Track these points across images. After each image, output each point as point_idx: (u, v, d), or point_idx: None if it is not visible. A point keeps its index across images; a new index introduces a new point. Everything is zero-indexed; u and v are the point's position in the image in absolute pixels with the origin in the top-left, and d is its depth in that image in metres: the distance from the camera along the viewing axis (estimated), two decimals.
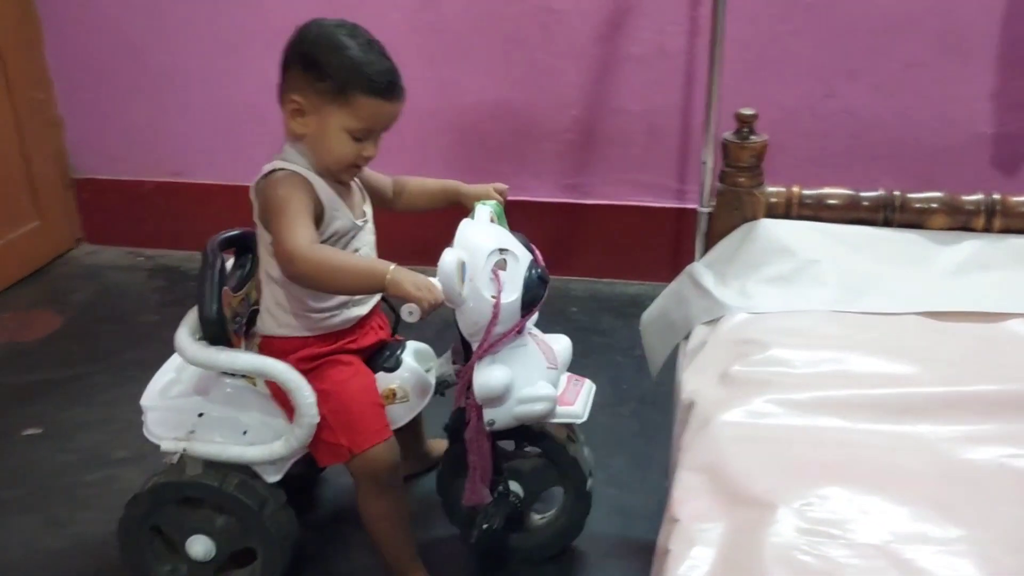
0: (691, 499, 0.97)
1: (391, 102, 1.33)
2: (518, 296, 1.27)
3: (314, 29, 1.34)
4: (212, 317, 1.35)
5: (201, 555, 1.43)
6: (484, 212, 1.41)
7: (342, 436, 1.36)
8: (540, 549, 1.56)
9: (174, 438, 1.40)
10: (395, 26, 2.41)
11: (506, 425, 1.33)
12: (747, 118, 1.42)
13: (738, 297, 1.34)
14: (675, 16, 2.28)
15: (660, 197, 2.44)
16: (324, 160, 1.34)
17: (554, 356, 1.39)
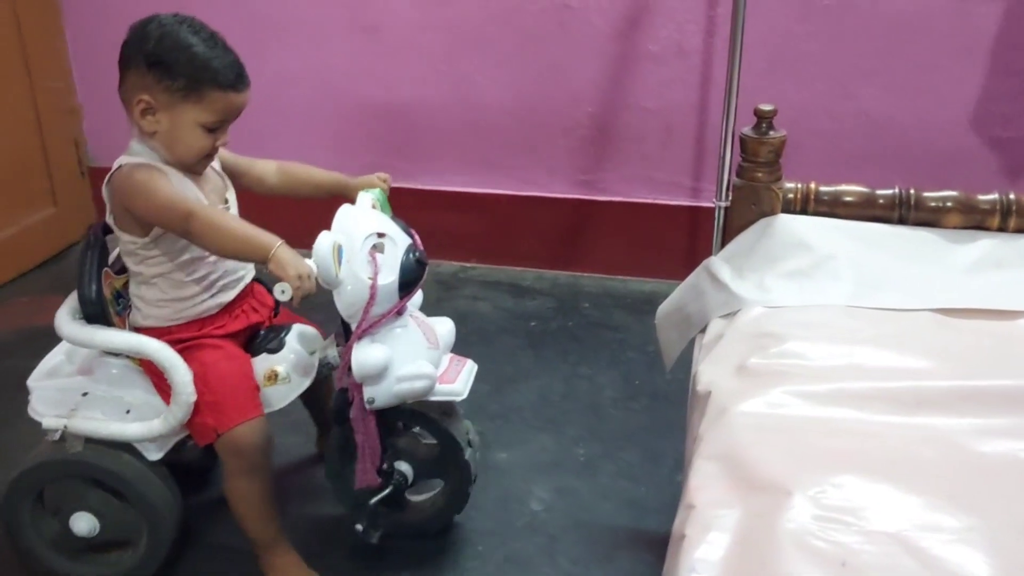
0: (707, 486, 0.98)
1: (240, 92, 1.37)
2: (395, 278, 1.33)
3: (155, 27, 1.35)
4: (90, 297, 1.40)
5: (85, 531, 1.45)
6: (365, 199, 1.45)
7: (208, 416, 1.39)
8: (428, 523, 1.59)
9: (56, 415, 1.42)
10: (412, 22, 2.43)
11: (387, 403, 1.38)
12: (766, 113, 1.42)
13: (755, 291, 1.34)
14: (693, 15, 2.29)
15: (675, 195, 2.45)
16: (178, 154, 1.37)
17: (436, 337, 1.44)
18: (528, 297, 2.46)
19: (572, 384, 2.06)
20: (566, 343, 2.23)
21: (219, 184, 1.47)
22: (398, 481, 1.49)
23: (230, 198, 1.48)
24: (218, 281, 1.44)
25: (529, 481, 1.74)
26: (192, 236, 1.32)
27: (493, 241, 2.60)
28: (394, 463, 1.50)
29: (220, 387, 1.39)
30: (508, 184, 2.54)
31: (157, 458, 1.43)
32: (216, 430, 1.38)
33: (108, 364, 1.43)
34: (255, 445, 1.40)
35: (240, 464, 1.41)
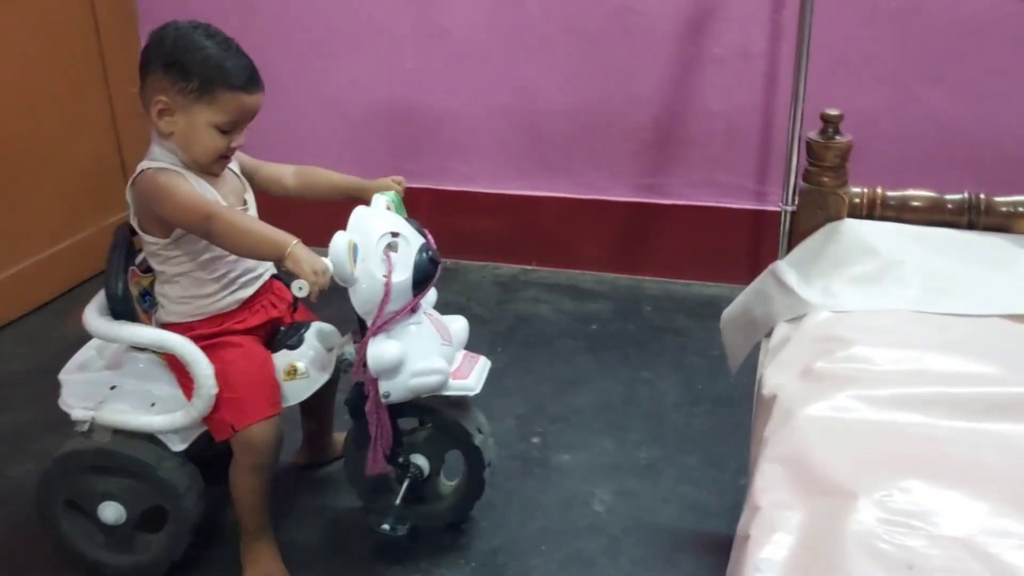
0: (773, 488, 0.99)
1: (252, 94, 1.41)
2: (409, 276, 1.38)
3: (171, 32, 1.40)
4: (117, 295, 1.46)
5: (112, 520, 1.50)
6: (380, 200, 1.50)
7: (227, 412, 1.44)
8: (449, 512, 1.62)
9: (84, 407, 1.48)
10: (475, 26, 2.47)
11: (401, 397, 1.42)
12: (832, 118, 1.42)
13: (822, 295, 1.34)
14: (758, 18, 2.28)
15: (739, 198, 2.44)
16: (194, 154, 1.42)
17: (449, 334, 1.48)
18: (589, 300, 2.47)
19: (633, 388, 2.06)
20: (627, 347, 2.23)
21: (238, 186, 1.53)
22: (414, 475, 1.54)
23: (248, 199, 1.53)
24: (238, 279, 1.50)
25: (591, 483, 1.75)
26: (212, 237, 1.38)
27: (554, 244, 2.62)
28: (410, 456, 1.54)
29: (239, 385, 1.44)
30: (569, 188, 2.56)
31: (180, 449, 1.48)
32: (233, 426, 1.44)
33: (135, 359, 1.50)
34: (268, 443, 1.45)
35: (251, 460, 1.46)
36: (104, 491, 1.49)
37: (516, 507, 1.69)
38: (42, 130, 2.43)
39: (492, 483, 1.73)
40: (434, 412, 1.53)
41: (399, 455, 1.52)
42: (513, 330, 2.32)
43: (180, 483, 1.47)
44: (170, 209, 1.38)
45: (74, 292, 2.54)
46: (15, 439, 1.91)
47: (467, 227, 2.67)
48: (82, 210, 2.59)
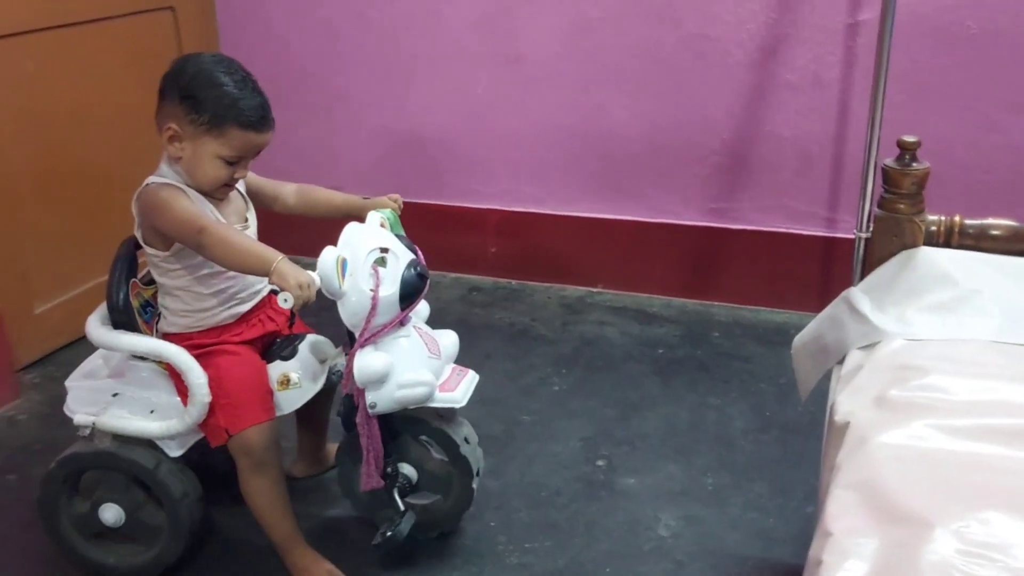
0: (846, 515, 0.97)
1: (261, 133, 1.46)
2: (396, 290, 1.42)
3: (192, 65, 1.45)
4: (118, 305, 1.53)
5: (112, 521, 1.56)
6: (374, 217, 1.54)
7: (221, 418, 1.49)
8: (438, 523, 1.64)
9: (86, 412, 1.53)
10: (551, 51, 2.49)
11: (388, 408, 1.45)
12: (909, 145, 1.41)
13: (896, 323, 1.32)
14: (832, 46, 2.27)
15: (810, 225, 2.42)
16: (197, 181, 1.48)
17: (438, 348, 1.51)
18: (656, 324, 2.46)
19: (700, 413, 2.05)
20: (694, 372, 2.22)
21: (240, 205, 1.58)
22: (402, 484, 1.56)
23: (250, 218, 1.59)
24: (236, 294, 1.55)
25: (656, 508, 1.74)
26: (203, 249, 1.42)
27: (621, 267, 2.62)
28: (397, 465, 1.57)
29: (234, 391, 1.49)
30: (638, 211, 2.57)
31: (177, 454, 1.53)
32: (228, 430, 1.49)
33: (137, 368, 1.55)
34: (263, 445, 1.49)
35: (249, 462, 1.50)
36: (104, 493, 1.56)
37: (580, 529, 1.69)
38: (127, 148, 2.51)
39: (557, 504, 1.74)
40: (420, 423, 1.56)
41: (387, 465, 1.55)
42: (578, 352, 2.33)
43: (176, 487, 1.52)
44: (166, 222, 1.44)
45: None
46: None
47: (534, 248, 2.69)
48: None
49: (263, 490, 1.53)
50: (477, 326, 2.47)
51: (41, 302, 2.31)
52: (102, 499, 1.56)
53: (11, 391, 2.15)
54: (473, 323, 2.49)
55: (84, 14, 2.33)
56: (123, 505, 1.55)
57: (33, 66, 2.22)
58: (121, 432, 1.52)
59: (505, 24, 2.51)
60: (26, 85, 2.21)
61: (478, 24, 2.53)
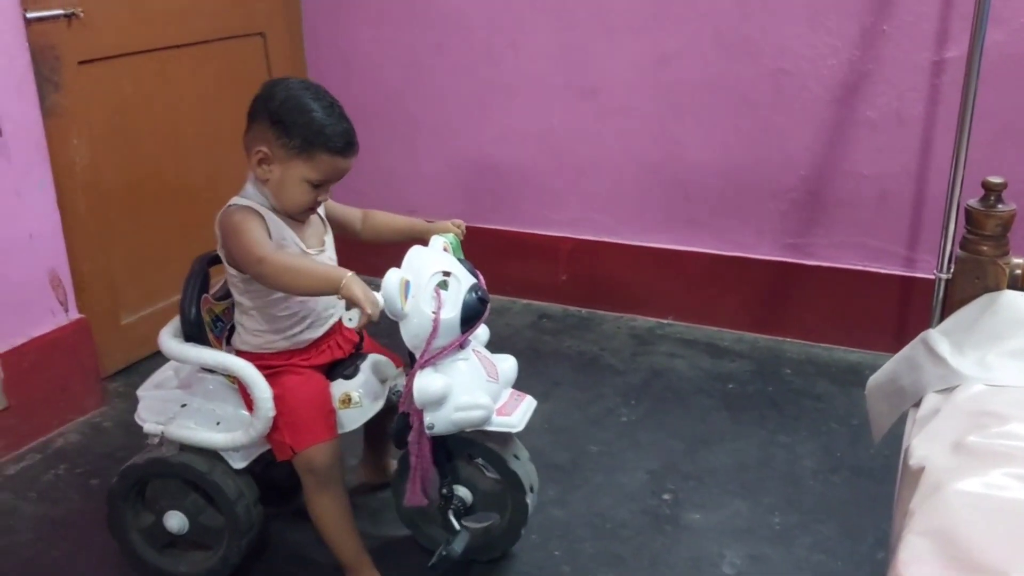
0: (918, 562, 0.96)
1: (347, 158, 1.50)
2: (457, 313, 1.43)
3: (282, 89, 1.49)
4: (190, 319, 1.57)
5: (176, 529, 1.59)
6: (437, 241, 1.57)
7: (287, 435, 1.52)
8: (480, 551, 1.64)
9: (156, 422, 1.58)
10: (629, 85, 2.51)
11: (445, 430, 1.46)
12: (995, 186, 1.38)
13: (976, 368, 1.30)
14: (915, 83, 2.24)
15: (888, 263, 2.38)
16: (283, 203, 1.51)
17: (496, 372, 1.51)
18: (727, 358, 2.44)
19: (769, 451, 2.02)
20: (765, 408, 2.20)
21: (319, 228, 1.61)
22: (457, 506, 1.57)
23: (327, 241, 1.62)
24: (307, 318, 1.58)
25: (722, 544, 1.72)
26: (263, 279, 1.46)
27: (693, 299, 2.61)
28: (453, 487, 1.57)
29: (298, 409, 1.52)
30: (713, 243, 2.56)
31: (241, 466, 1.57)
32: (292, 448, 1.52)
33: (205, 380, 1.60)
34: (326, 464, 1.52)
35: (314, 480, 1.53)
36: (166, 502, 1.60)
37: (645, 562, 1.68)
38: (215, 168, 2.60)
39: (621, 537, 1.73)
40: (473, 443, 1.57)
41: (442, 486, 1.56)
42: (647, 384, 2.32)
43: (240, 504, 1.56)
44: (233, 247, 1.49)
45: None
46: None
47: (605, 277, 2.70)
48: None
49: (327, 507, 1.55)
50: (546, 353, 2.48)
51: (128, 313, 2.39)
52: (165, 508, 1.60)
53: (98, 399, 2.23)
54: (542, 350, 2.50)
55: (179, 38, 2.42)
56: (185, 511, 1.60)
57: (130, 87, 2.31)
58: (187, 442, 1.56)
59: (582, 56, 2.53)
60: (123, 105, 2.30)
61: (555, 56, 2.56)
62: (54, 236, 2.11)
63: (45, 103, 2.07)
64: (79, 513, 1.85)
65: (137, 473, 1.60)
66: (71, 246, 2.16)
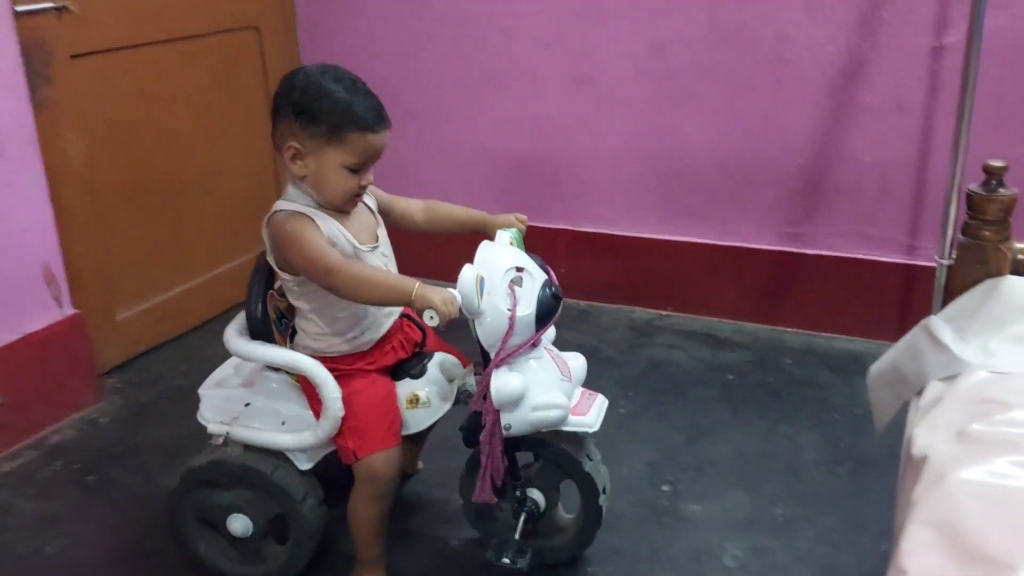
0: (922, 553, 0.94)
1: (379, 133, 1.44)
2: (532, 311, 1.39)
3: (300, 78, 1.43)
4: (256, 316, 1.52)
5: (239, 532, 1.56)
6: (504, 236, 1.52)
7: (350, 439, 1.48)
8: (553, 553, 1.62)
9: (220, 422, 1.54)
10: (624, 74, 2.49)
11: (522, 431, 1.43)
12: (996, 170, 1.36)
13: (979, 355, 1.28)
14: (914, 69, 2.22)
15: (889, 251, 2.36)
16: (326, 195, 1.45)
17: (568, 370, 1.48)
18: (726, 349, 2.43)
19: (771, 442, 2.01)
20: (765, 399, 2.18)
21: (370, 222, 1.55)
22: (531, 508, 1.55)
23: (380, 235, 1.56)
24: (365, 319, 1.52)
25: (722, 536, 1.71)
26: (334, 290, 1.42)
27: (692, 290, 2.59)
28: (527, 491, 1.55)
29: (363, 415, 1.49)
30: (711, 234, 2.54)
31: (307, 468, 1.54)
32: (355, 453, 1.48)
33: (268, 378, 1.56)
34: (388, 475, 1.49)
35: (372, 490, 1.50)
36: (231, 504, 1.56)
37: (644, 555, 1.67)
38: (211, 162, 2.58)
39: (620, 529, 1.71)
40: (545, 445, 1.54)
41: (515, 488, 1.54)
42: (646, 375, 2.30)
43: (307, 507, 1.52)
44: (295, 258, 1.43)
45: (229, 314, 2.65)
46: (171, 450, 2.01)
47: (603, 270, 2.68)
48: (241, 237, 2.73)
49: (373, 518, 1.53)
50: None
51: (123, 309, 2.38)
52: (231, 509, 1.56)
53: (94, 395, 2.22)
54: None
55: (172, 32, 2.41)
56: (250, 514, 1.56)
57: (125, 81, 2.29)
58: (253, 443, 1.53)
59: (578, 45, 2.51)
60: (117, 99, 2.28)
61: (550, 44, 2.54)
62: (47, 231, 2.09)
63: (36, 97, 2.05)
64: (75, 509, 1.83)
65: (199, 475, 1.56)
66: (65, 241, 2.14)
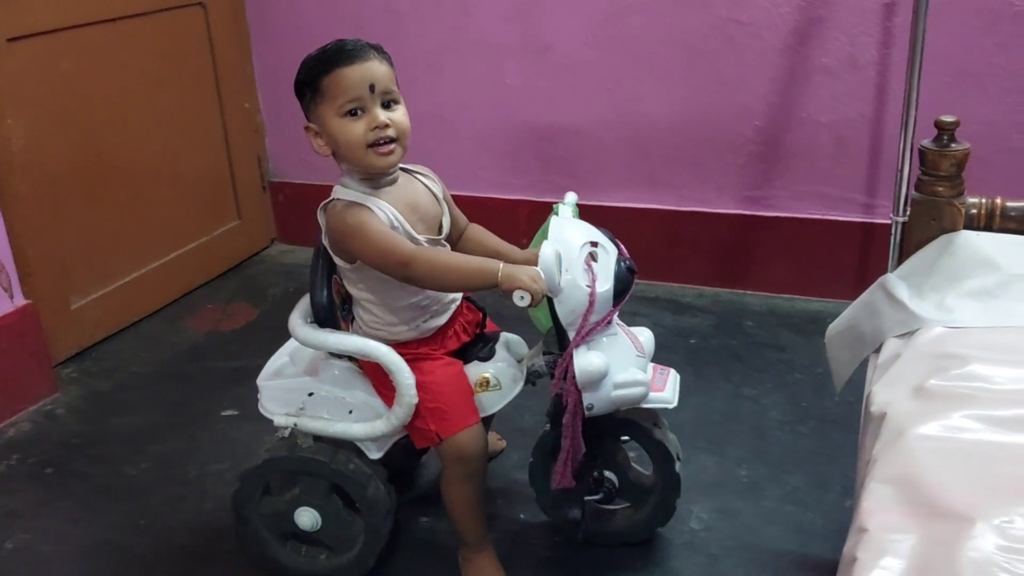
0: (882, 510, 0.94)
1: (353, 65, 1.34)
2: (610, 286, 1.34)
3: (305, 60, 1.40)
4: (321, 302, 1.46)
5: (308, 526, 1.51)
6: (567, 210, 1.47)
7: (431, 422, 1.42)
8: (629, 532, 1.60)
9: (285, 414, 1.49)
10: (579, 40, 2.46)
11: (604, 409, 1.39)
12: (948, 125, 1.36)
13: (936, 310, 1.28)
14: (868, 27, 2.22)
15: (847, 211, 2.37)
16: (349, 158, 1.38)
17: (641, 346, 1.44)
18: (688, 314, 2.43)
19: (735, 404, 2.02)
20: (728, 362, 2.19)
21: (436, 210, 1.47)
22: (608, 490, 1.53)
23: (445, 224, 1.48)
24: (428, 308, 1.46)
25: (689, 500, 1.70)
26: (413, 281, 1.35)
27: (653, 257, 2.59)
28: (603, 472, 1.53)
29: (441, 394, 1.43)
30: (671, 200, 2.53)
31: (377, 457, 1.49)
32: (439, 435, 1.42)
33: (331, 365, 1.50)
34: (476, 452, 1.43)
35: (462, 470, 1.44)
36: (303, 497, 1.51)
37: None
38: (162, 144, 2.53)
39: None
40: (638, 430, 1.51)
41: (593, 469, 1.50)
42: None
43: (379, 498, 1.47)
44: (365, 251, 1.36)
45: (187, 298, 2.64)
46: (133, 439, 1.98)
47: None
48: (196, 220, 2.69)
49: (468, 497, 1.47)
50: (509, 318, 2.43)
51: (78, 297, 2.33)
52: (299, 503, 1.51)
53: (49, 386, 2.17)
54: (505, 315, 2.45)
55: (116, 11, 2.34)
56: (319, 509, 1.51)
57: (68, 63, 2.23)
58: (323, 434, 1.47)
59: (534, 14, 2.48)
60: (62, 82, 2.22)
61: (507, 14, 2.51)
62: None
63: None
64: (35, 504, 1.80)
65: (273, 470, 1.50)
66: (12, 230, 2.08)
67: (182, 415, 2.07)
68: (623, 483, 1.56)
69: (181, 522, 1.72)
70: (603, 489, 1.53)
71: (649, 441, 1.52)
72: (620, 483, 1.55)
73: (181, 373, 2.26)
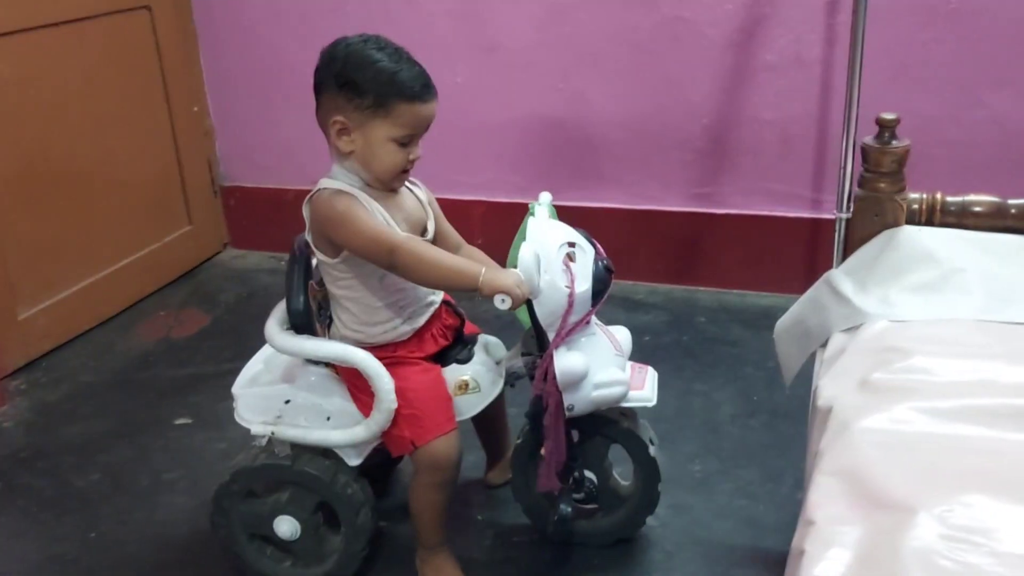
0: (828, 502, 0.96)
1: (427, 103, 1.38)
2: (589, 286, 1.35)
3: (342, 48, 1.38)
4: (298, 308, 1.44)
5: (286, 534, 1.50)
6: (543, 211, 1.48)
7: (406, 429, 1.43)
8: (620, 528, 1.60)
9: (262, 422, 1.48)
10: (525, 38, 2.47)
11: (584, 410, 1.40)
12: (888, 122, 1.39)
13: (879, 305, 1.31)
14: (812, 24, 2.25)
15: (794, 207, 2.41)
16: (375, 171, 1.39)
17: (619, 344, 1.44)
18: (641, 311, 2.45)
19: (687, 400, 2.04)
20: (680, 358, 2.21)
21: (420, 215, 1.48)
22: (589, 489, 1.54)
23: (430, 228, 1.49)
24: (408, 307, 1.46)
25: None
26: (396, 269, 1.35)
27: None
28: (583, 472, 1.53)
29: (417, 401, 1.43)
30: (621, 198, 2.55)
31: (356, 463, 1.48)
32: (413, 442, 1.42)
33: (308, 372, 1.49)
34: (450, 459, 1.44)
35: (434, 478, 1.44)
36: (281, 506, 1.50)
37: None
38: (108, 149, 2.49)
39: None
40: (607, 424, 1.51)
41: (573, 470, 1.51)
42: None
43: (359, 505, 1.47)
44: (350, 238, 1.36)
45: (138, 306, 2.60)
46: (83, 450, 1.95)
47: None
48: (145, 227, 2.65)
49: (437, 505, 1.48)
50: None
51: (25, 308, 2.29)
52: (277, 511, 1.50)
53: None
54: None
55: (59, 15, 2.30)
56: (298, 517, 1.50)
57: (8, 69, 2.19)
58: (301, 442, 1.46)
59: (481, 13, 2.48)
60: (2, 88, 2.18)
61: (454, 13, 2.51)
62: None
63: None
64: None
65: (252, 479, 1.49)
66: None
67: (133, 424, 2.04)
68: (601, 486, 1.56)
69: (132, 534, 1.70)
70: (584, 489, 1.54)
71: (620, 433, 1.53)
72: (599, 485, 1.56)
73: (132, 382, 2.23)
